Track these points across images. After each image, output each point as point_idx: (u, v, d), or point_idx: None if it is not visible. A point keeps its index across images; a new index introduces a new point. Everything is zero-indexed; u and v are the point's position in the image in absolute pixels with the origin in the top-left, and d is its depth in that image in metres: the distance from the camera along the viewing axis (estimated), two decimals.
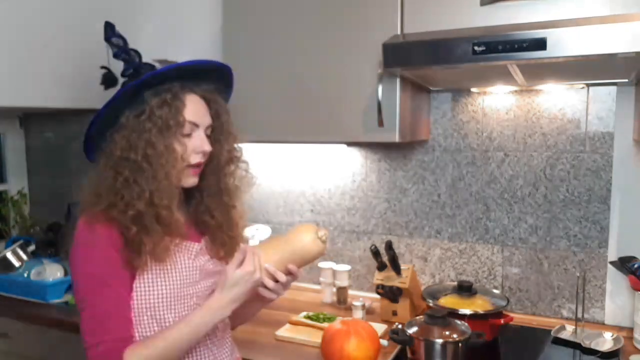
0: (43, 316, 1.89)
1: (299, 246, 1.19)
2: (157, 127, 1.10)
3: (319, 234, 1.20)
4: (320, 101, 1.67)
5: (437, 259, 1.95)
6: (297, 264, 1.20)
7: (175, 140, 1.13)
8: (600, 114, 1.68)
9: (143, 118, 1.11)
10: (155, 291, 1.12)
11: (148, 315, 1.12)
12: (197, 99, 1.18)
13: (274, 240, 1.25)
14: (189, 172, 1.16)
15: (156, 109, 1.11)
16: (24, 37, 1.95)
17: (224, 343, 1.26)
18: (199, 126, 1.16)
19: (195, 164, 1.16)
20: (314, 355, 1.52)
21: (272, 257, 1.19)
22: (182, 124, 1.13)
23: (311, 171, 2.13)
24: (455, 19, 1.43)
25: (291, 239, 1.20)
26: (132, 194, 1.08)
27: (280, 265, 1.18)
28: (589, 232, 1.72)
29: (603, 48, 1.16)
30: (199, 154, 1.16)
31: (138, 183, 1.08)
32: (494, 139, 1.83)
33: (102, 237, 1.07)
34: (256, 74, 1.76)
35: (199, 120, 1.16)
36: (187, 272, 1.17)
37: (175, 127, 1.12)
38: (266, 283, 1.18)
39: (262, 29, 1.75)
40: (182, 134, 1.14)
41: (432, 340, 1.34)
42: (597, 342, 1.53)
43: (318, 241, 1.20)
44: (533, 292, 1.81)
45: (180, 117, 1.12)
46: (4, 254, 2.13)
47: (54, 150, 2.74)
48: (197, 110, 1.17)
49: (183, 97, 1.15)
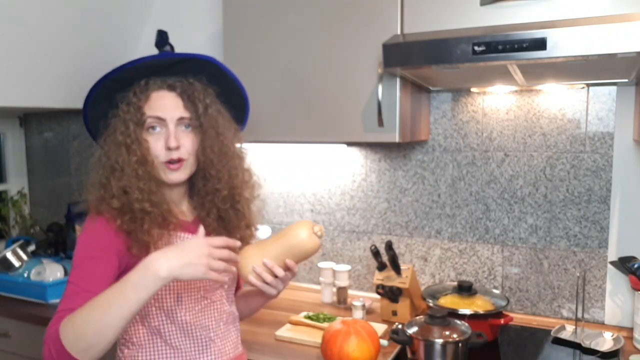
0: (43, 316, 1.89)
1: (295, 242, 1.20)
2: (123, 127, 1.14)
3: (315, 229, 1.22)
4: (320, 101, 1.67)
5: (437, 259, 1.95)
6: (294, 259, 1.21)
7: (141, 138, 1.14)
8: (600, 114, 1.68)
9: (115, 120, 1.17)
10: None
11: (156, 307, 1.15)
12: (163, 93, 1.17)
13: (271, 237, 1.26)
14: (165, 168, 1.16)
15: (122, 109, 1.16)
16: (23, 37, 1.95)
17: (228, 336, 1.27)
18: (165, 120, 1.15)
19: (169, 160, 1.16)
20: (314, 355, 1.52)
21: (269, 253, 1.20)
22: (143, 121, 1.14)
23: (311, 171, 2.13)
24: (455, 19, 1.43)
25: (288, 235, 1.22)
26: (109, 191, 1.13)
27: (278, 260, 1.20)
28: (589, 232, 1.72)
29: (603, 48, 1.16)
30: (168, 150, 1.15)
31: (110, 182, 1.13)
32: (494, 139, 1.83)
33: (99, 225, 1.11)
34: (256, 74, 1.76)
35: (164, 114, 1.15)
36: None
37: (136, 125, 1.14)
38: (265, 278, 1.19)
39: (262, 29, 1.75)
40: (148, 131, 1.15)
41: (432, 340, 1.34)
42: (597, 342, 1.53)
43: (314, 236, 1.21)
44: (533, 292, 1.81)
45: (139, 114, 1.14)
46: (4, 254, 2.13)
47: (54, 150, 2.74)
48: (161, 104, 1.16)
49: (146, 93, 1.16)
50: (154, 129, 1.16)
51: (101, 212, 1.12)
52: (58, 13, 2.00)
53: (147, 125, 1.15)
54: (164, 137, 1.15)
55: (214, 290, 1.24)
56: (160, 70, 1.20)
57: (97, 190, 1.14)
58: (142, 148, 1.14)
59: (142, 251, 1.11)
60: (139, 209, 1.11)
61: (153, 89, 1.17)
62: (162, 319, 1.16)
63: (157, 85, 1.17)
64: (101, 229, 1.11)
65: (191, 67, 1.22)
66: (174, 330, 1.17)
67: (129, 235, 1.11)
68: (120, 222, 1.11)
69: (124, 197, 1.12)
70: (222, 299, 1.27)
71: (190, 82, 1.20)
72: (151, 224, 1.12)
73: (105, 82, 1.17)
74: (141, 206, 1.11)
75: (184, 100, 1.18)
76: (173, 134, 1.15)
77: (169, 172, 1.17)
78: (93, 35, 2.20)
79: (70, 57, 2.16)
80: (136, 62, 1.16)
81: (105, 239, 1.10)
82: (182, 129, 1.18)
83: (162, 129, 1.16)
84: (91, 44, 2.21)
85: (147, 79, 1.18)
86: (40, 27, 1.98)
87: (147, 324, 1.17)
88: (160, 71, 1.20)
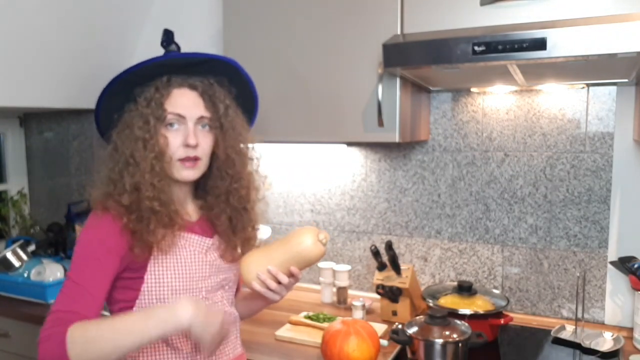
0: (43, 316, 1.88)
1: (300, 249, 1.20)
2: (141, 122, 1.13)
3: (320, 236, 1.21)
4: (320, 101, 1.67)
5: (437, 259, 1.95)
6: (298, 266, 1.21)
7: (160, 133, 1.14)
8: (600, 114, 1.68)
9: (132, 114, 1.15)
10: (165, 283, 1.14)
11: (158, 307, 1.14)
12: (185, 91, 1.17)
13: (275, 242, 1.26)
14: (180, 165, 1.16)
15: (141, 104, 1.15)
16: (24, 37, 1.95)
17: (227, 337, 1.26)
18: (185, 118, 1.15)
19: (185, 158, 1.16)
20: (314, 355, 1.52)
21: (274, 259, 1.20)
22: (164, 117, 1.14)
23: (311, 171, 2.13)
24: (455, 19, 1.43)
25: (292, 241, 1.21)
26: (119, 187, 1.11)
27: (281, 267, 1.20)
28: (589, 232, 1.72)
29: (603, 48, 1.16)
30: (186, 147, 1.15)
31: (123, 177, 1.11)
32: (494, 139, 1.83)
33: (104, 223, 1.10)
34: (256, 74, 1.73)
35: (185, 112, 1.15)
36: (198, 266, 1.19)
37: (156, 120, 1.13)
38: (269, 285, 1.19)
39: (262, 29, 1.75)
40: (167, 127, 1.15)
41: (432, 340, 1.34)
42: (597, 342, 1.53)
43: (319, 244, 1.21)
44: (533, 292, 1.81)
45: (160, 110, 1.14)
46: (4, 254, 2.12)
47: (54, 150, 2.74)
48: (183, 102, 1.16)
49: (168, 89, 1.16)
50: (172, 125, 1.15)
51: (107, 209, 1.11)
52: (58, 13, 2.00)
53: (167, 122, 1.15)
54: (182, 134, 1.15)
55: (215, 292, 1.24)
56: (180, 69, 1.19)
57: (106, 186, 1.13)
58: (160, 144, 1.13)
59: (145, 251, 1.11)
60: (147, 208, 1.10)
61: (175, 86, 1.17)
62: None
63: (179, 83, 1.17)
64: (106, 227, 1.10)
65: (209, 68, 1.22)
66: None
67: (134, 234, 1.10)
68: (127, 220, 1.09)
69: (134, 194, 1.10)
70: (222, 300, 1.26)
71: (211, 82, 1.20)
72: (157, 224, 1.11)
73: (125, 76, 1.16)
74: (151, 204, 1.10)
75: (205, 100, 1.19)
76: (192, 132, 1.15)
77: (183, 169, 1.16)
78: (93, 35, 2.20)
79: (70, 57, 2.16)
80: (161, 58, 1.16)
81: (111, 240, 1.09)
82: (200, 128, 1.18)
83: (180, 127, 1.15)
84: (91, 44, 2.21)
85: (169, 75, 1.17)
86: (41, 27, 1.98)
87: None
88: (179, 70, 1.19)
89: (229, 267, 1.27)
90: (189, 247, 1.19)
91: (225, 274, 1.26)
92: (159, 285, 1.14)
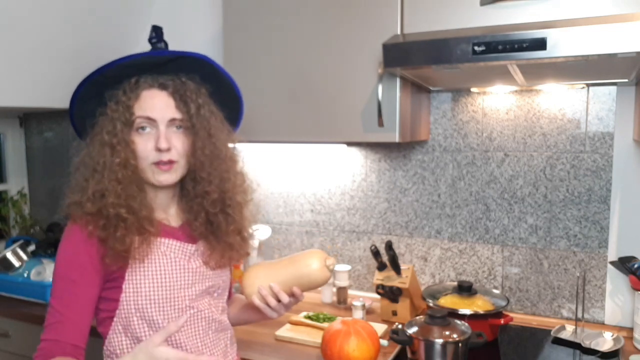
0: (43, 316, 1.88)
1: (306, 272, 1.19)
2: (110, 126, 1.10)
3: (327, 262, 1.21)
4: (320, 101, 1.67)
5: (437, 259, 1.95)
6: (301, 288, 1.20)
7: (128, 139, 1.09)
8: (600, 114, 1.68)
9: (102, 118, 1.12)
10: (143, 292, 1.10)
11: (137, 317, 1.10)
12: (155, 92, 1.11)
13: (282, 260, 1.24)
14: (155, 169, 1.11)
15: (111, 108, 1.11)
16: (23, 37, 1.95)
17: (217, 344, 1.22)
18: (156, 121, 1.10)
19: (159, 162, 1.10)
20: (314, 355, 1.52)
21: (278, 276, 1.19)
22: (132, 121, 1.09)
23: (311, 171, 2.13)
24: (455, 19, 1.43)
25: (299, 262, 1.20)
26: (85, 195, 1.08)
27: (284, 285, 1.19)
28: (589, 232, 1.72)
29: (603, 48, 1.16)
30: (158, 151, 1.09)
31: (89, 184, 1.08)
32: (494, 139, 1.83)
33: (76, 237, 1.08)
34: (256, 74, 1.76)
35: (155, 115, 1.10)
36: (179, 273, 1.14)
37: (123, 125, 1.09)
38: (269, 302, 1.18)
39: (262, 29, 1.75)
40: (138, 131, 1.10)
41: (432, 340, 1.34)
42: (597, 342, 1.53)
43: (325, 269, 1.20)
44: (533, 292, 1.81)
45: (128, 114, 1.09)
46: (4, 254, 2.13)
47: (54, 150, 2.74)
48: (152, 104, 1.10)
49: (136, 92, 1.11)
50: (144, 129, 1.10)
51: (75, 219, 1.07)
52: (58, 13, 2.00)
53: (137, 126, 1.10)
54: (154, 137, 1.10)
55: (201, 299, 1.18)
56: (152, 68, 1.13)
57: (75, 194, 1.09)
58: (127, 150, 1.08)
59: (118, 260, 1.07)
60: (113, 215, 1.05)
61: (144, 87, 1.11)
62: (145, 330, 1.11)
63: (148, 83, 1.12)
64: (75, 241, 1.07)
65: (184, 65, 1.15)
66: None
67: (103, 243, 1.06)
68: (93, 227, 1.06)
69: (100, 201, 1.06)
70: (210, 307, 1.20)
71: (182, 80, 1.14)
72: (126, 231, 1.06)
73: (94, 78, 1.11)
74: (116, 211, 1.05)
75: (176, 100, 1.12)
76: (164, 135, 1.09)
77: (159, 173, 1.11)
78: (93, 35, 2.20)
79: (70, 57, 2.16)
80: (126, 59, 1.10)
81: (82, 254, 1.06)
82: (173, 130, 1.12)
83: (152, 130, 1.10)
84: (91, 44, 2.20)
85: (138, 76, 1.12)
86: (40, 27, 1.98)
87: (129, 335, 1.11)
88: (152, 69, 1.13)
89: (215, 274, 1.21)
90: (169, 253, 1.14)
91: (212, 281, 1.20)
92: (137, 295, 1.09)
